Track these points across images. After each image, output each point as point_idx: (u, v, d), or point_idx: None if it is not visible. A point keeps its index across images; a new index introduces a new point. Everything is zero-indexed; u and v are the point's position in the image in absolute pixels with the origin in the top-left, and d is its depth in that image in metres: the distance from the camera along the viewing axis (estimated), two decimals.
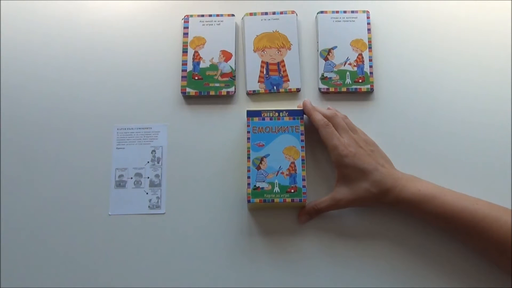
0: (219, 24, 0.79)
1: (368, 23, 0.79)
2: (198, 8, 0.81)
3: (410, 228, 0.71)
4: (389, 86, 0.77)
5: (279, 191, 0.69)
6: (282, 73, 0.77)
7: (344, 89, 0.76)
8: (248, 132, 0.71)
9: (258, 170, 0.70)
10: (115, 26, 0.81)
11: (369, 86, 0.76)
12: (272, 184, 0.69)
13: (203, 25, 0.79)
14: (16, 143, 0.75)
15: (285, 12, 0.80)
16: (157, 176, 0.74)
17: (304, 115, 0.72)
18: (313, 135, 0.73)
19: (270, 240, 0.71)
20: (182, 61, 0.78)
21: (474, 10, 0.81)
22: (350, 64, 0.77)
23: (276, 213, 0.72)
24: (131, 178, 0.73)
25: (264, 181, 0.70)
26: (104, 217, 0.72)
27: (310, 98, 0.76)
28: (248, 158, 0.70)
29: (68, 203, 0.73)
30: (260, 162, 0.70)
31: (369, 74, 0.77)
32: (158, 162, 0.74)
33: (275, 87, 0.77)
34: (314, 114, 0.71)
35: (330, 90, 0.76)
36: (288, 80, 0.77)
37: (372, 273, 0.69)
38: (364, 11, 0.79)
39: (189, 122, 0.76)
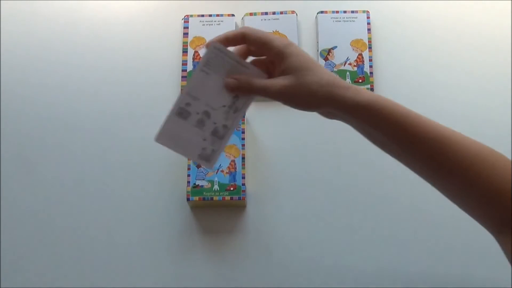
0: (219, 24, 0.79)
1: (368, 23, 0.79)
2: (198, 8, 0.81)
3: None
4: (389, 86, 0.77)
5: (218, 189, 0.69)
6: None
7: None
8: None
9: (198, 168, 0.70)
10: (116, 26, 0.81)
11: (369, 86, 0.76)
12: (211, 182, 0.69)
13: (203, 25, 0.79)
14: (16, 143, 0.75)
15: (285, 12, 0.80)
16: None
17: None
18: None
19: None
20: (182, 61, 0.78)
21: (474, 10, 0.81)
22: (350, 64, 0.77)
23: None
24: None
25: (203, 179, 0.70)
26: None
27: None
28: None
29: (71, 202, 0.73)
30: None
31: (369, 74, 0.77)
32: None
33: None
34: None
35: None
36: None
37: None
38: (364, 11, 0.79)
39: None
